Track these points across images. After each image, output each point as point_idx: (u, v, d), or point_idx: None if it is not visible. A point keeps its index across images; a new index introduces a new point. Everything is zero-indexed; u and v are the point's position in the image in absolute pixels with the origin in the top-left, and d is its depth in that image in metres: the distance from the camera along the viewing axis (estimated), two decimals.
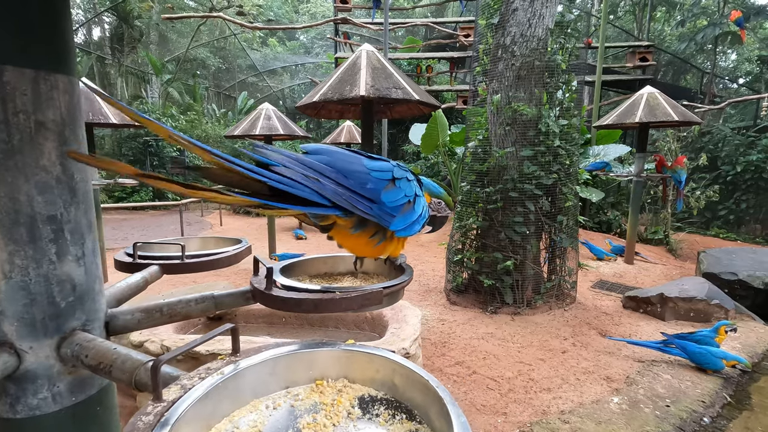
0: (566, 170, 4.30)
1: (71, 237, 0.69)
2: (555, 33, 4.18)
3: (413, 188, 0.97)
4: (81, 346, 0.65)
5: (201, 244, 1.36)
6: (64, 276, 0.69)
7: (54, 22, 0.66)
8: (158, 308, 0.76)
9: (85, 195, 0.72)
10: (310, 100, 3.79)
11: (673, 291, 4.20)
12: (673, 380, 2.99)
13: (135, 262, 1.09)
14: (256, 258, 0.88)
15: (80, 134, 0.72)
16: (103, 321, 0.75)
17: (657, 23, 17.68)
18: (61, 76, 0.67)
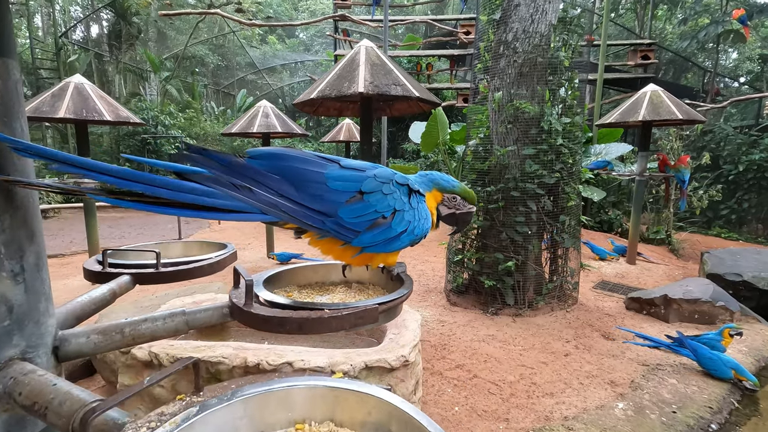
0: (569, 169, 4.22)
1: (5, 250, 0.58)
2: (558, 29, 4.10)
3: (394, 202, 0.87)
4: (15, 381, 0.53)
5: (183, 249, 1.26)
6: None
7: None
8: (118, 329, 0.65)
9: (25, 200, 0.60)
10: (308, 97, 3.71)
11: (677, 292, 4.12)
12: (678, 385, 2.91)
13: (105, 272, 0.98)
14: (236, 269, 0.79)
15: (18, 128, 0.59)
16: (51, 346, 0.63)
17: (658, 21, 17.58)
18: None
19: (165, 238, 8.34)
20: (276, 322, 0.64)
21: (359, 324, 0.67)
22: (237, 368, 1.64)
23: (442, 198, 1.04)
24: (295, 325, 0.63)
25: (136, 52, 17.06)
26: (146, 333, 0.66)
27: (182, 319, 0.68)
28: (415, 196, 0.95)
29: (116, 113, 4.58)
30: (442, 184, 1.03)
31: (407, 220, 0.89)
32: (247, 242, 7.85)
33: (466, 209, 1.04)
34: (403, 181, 0.94)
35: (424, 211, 0.96)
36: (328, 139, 9.40)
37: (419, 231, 0.92)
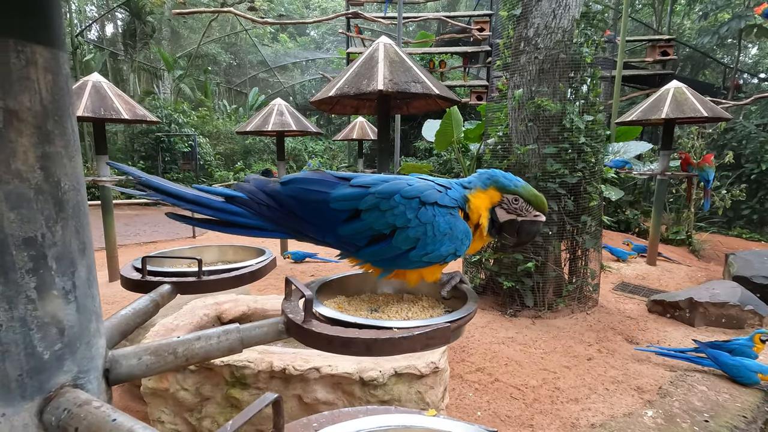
0: (591, 168, 4.11)
1: (57, 265, 0.52)
2: (581, 24, 3.99)
3: (394, 219, 0.83)
4: (70, 413, 0.49)
5: (218, 253, 1.22)
6: (47, 318, 0.52)
7: None
8: (171, 349, 0.61)
9: (76, 209, 0.55)
10: (326, 94, 3.67)
11: (703, 295, 4.00)
12: (709, 392, 2.82)
13: (144, 280, 0.93)
14: (290, 280, 0.74)
15: (69, 128, 0.54)
16: (102, 369, 0.59)
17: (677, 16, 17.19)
18: (42, 49, 0.50)
19: (178, 235, 8.40)
20: (340, 343, 0.59)
21: (430, 345, 0.61)
22: (262, 373, 1.61)
23: (500, 199, 0.88)
24: (363, 347, 0.58)
25: (150, 50, 17.22)
26: (200, 353, 0.61)
27: (237, 336, 0.63)
28: (429, 209, 0.84)
29: (133, 111, 4.59)
30: (502, 181, 0.89)
31: (413, 237, 0.82)
32: (260, 240, 7.86)
33: (531, 216, 0.88)
34: (412, 194, 0.84)
35: (447, 225, 0.83)
36: (341, 137, 9.36)
37: (438, 248, 0.82)
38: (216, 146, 16.63)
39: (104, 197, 4.95)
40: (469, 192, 0.91)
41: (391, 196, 0.84)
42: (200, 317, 2.08)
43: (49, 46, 0.51)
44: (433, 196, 0.85)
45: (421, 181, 0.89)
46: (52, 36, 0.52)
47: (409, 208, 0.83)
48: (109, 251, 5.01)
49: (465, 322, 0.70)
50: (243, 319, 2.19)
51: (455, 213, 0.86)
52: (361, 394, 1.56)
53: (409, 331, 0.61)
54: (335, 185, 0.86)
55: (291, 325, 0.65)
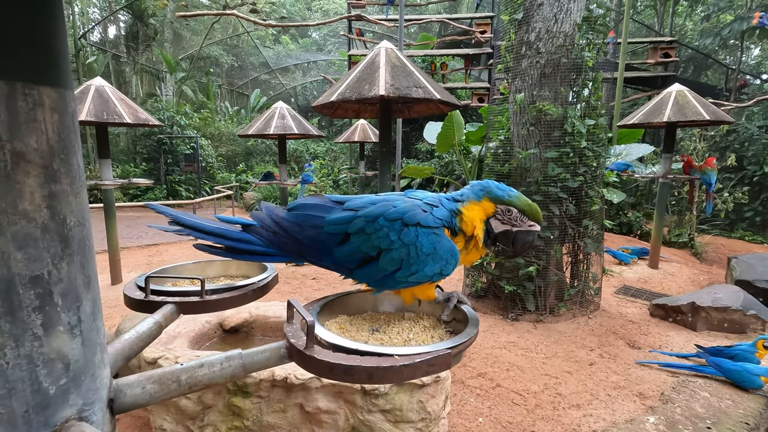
0: (593, 172, 4.11)
1: (63, 301, 0.53)
2: (583, 28, 3.99)
3: (379, 241, 0.85)
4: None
5: (221, 268, 1.22)
6: (53, 353, 0.52)
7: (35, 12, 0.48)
8: (174, 377, 0.61)
9: (81, 244, 0.55)
10: (328, 99, 3.68)
11: (705, 300, 3.99)
12: (711, 398, 2.81)
13: (148, 300, 0.94)
14: (291, 303, 0.74)
15: (75, 165, 0.54)
16: (106, 400, 0.59)
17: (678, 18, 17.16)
18: (48, 89, 0.50)
19: (180, 239, 8.41)
20: (342, 371, 0.59)
21: (431, 372, 0.62)
22: (264, 381, 1.61)
23: (494, 210, 0.88)
24: (365, 375, 0.58)
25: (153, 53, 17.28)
26: (203, 380, 0.61)
27: (239, 363, 0.63)
28: (411, 230, 0.84)
29: (135, 115, 4.61)
30: (495, 192, 0.88)
31: (397, 259, 0.84)
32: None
33: (525, 226, 0.87)
34: (395, 216, 0.86)
35: (430, 246, 0.84)
36: (342, 139, 9.37)
37: (422, 269, 0.84)
38: (218, 148, 16.67)
39: (106, 200, 4.97)
40: (462, 205, 0.91)
41: (376, 219, 0.86)
42: (202, 324, 2.09)
43: (56, 86, 0.52)
44: (416, 217, 0.86)
45: (408, 201, 0.90)
46: (59, 76, 0.52)
47: (392, 230, 0.85)
48: (111, 254, 5.03)
49: (466, 347, 0.70)
50: (245, 326, 2.19)
51: (439, 232, 0.86)
52: (363, 403, 1.57)
53: (410, 359, 0.62)
54: (331, 209, 0.90)
55: (293, 351, 0.65)
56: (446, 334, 0.85)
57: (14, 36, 0.46)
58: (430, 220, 0.86)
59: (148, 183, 5.22)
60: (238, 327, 2.17)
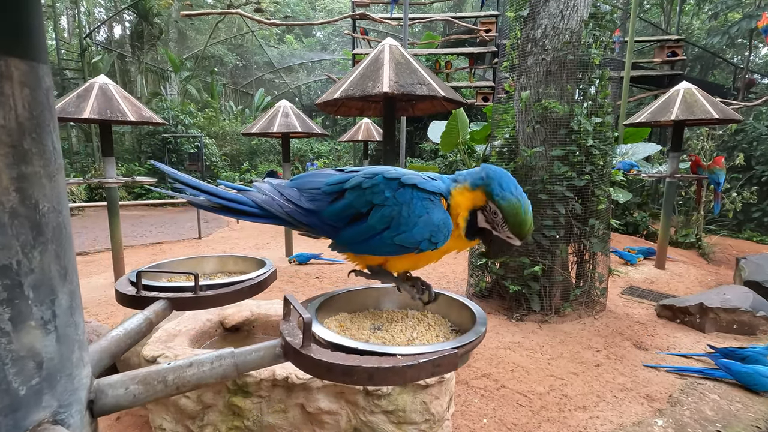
0: (599, 171, 4.06)
1: (34, 294, 0.49)
2: (589, 25, 3.94)
3: (372, 196, 0.84)
4: None
5: (218, 264, 1.19)
6: (23, 351, 0.48)
7: None
8: (161, 377, 0.57)
9: (57, 231, 0.51)
10: (331, 96, 3.65)
11: (713, 301, 3.92)
12: (721, 401, 2.75)
13: (139, 296, 0.91)
14: (288, 299, 0.71)
15: (49, 145, 0.50)
16: (86, 401, 0.55)
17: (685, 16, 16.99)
18: (17, 61, 0.46)
19: (184, 236, 8.42)
20: (341, 371, 0.55)
21: (437, 373, 0.58)
22: (265, 381, 1.58)
23: (484, 204, 0.82)
24: (365, 376, 0.55)
25: (158, 52, 17.34)
26: (192, 380, 0.57)
27: (231, 362, 0.60)
28: (407, 191, 0.83)
29: (139, 113, 4.60)
30: (491, 186, 0.81)
31: (388, 216, 0.82)
32: (265, 242, 7.86)
33: (505, 235, 0.82)
34: (394, 176, 0.86)
35: (423, 209, 0.81)
36: (346, 138, 9.34)
37: (410, 230, 0.80)
38: (222, 147, 16.70)
39: (110, 199, 4.97)
40: (456, 186, 0.87)
41: (375, 176, 0.87)
42: (203, 322, 2.06)
43: (27, 59, 0.47)
44: (414, 179, 0.85)
45: (410, 171, 0.90)
46: (30, 47, 0.48)
47: (388, 187, 0.84)
48: (115, 253, 5.03)
49: (473, 346, 0.66)
50: (246, 325, 2.17)
51: (435, 199, 0.84)
52: (365, 404, 1.53)
53: (414, 359, 0.58)
54: (331, 175, 0.94)
55: (289, 350, 0.62)
56: (452, 333, 0.81)
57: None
58: (428, 185, 0.85)
59: (150, 181, 5.22)
60: (240, 325, 2.14)
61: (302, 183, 0.94)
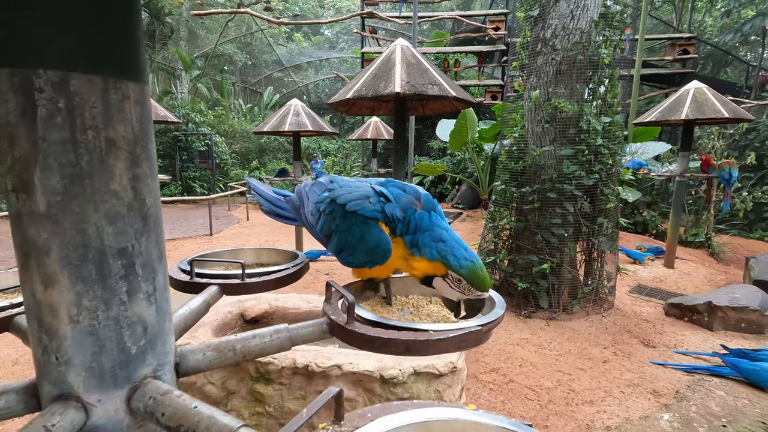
0: (608, 170, 4.09)
1: (143, 272, 0.61)
2: (599, 25, 3.97)
3: (329, 222, 0.95)
4: (156, 401, 0.57)
5: (254, 255, 1.29)
6: (135, 317, 0.60)
7: (123, 16, 0.56)
8: (231, 346, 0.68)
9: (156, 222, 0.63)
10: (343, 96, 3.72)
11: (722, 299, 3.95)
12: (727, 397, 2.79)
13: (192, 281, 1.02)
14: (331, 284, 0.80)
15: (152, 152, 0.62)
16: (173, 363, 0.67)
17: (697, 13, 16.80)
18: (133, 84, 0.57)
19: (195, 233, 8.57)
20: (381, 343, 0.64)
21: (463, 347, 0.66)
22: (286, 369, 1.67)
23: (445, 273, 0.87)
24: (402, 347, 0.63)
25: (169, 51, 17.53)
26: (255, 350, 0.67)
27: (287, 335, 0.70)
28: (350, 217, 0.90)
29: (155, 112, 4.72)
30: (449, 259, 0.85)
31: (340, 240, 0.92)
32: (275, 239, 7.98)
33: (474, 295, 0.86)
34: (343, 201, 0.91)
35: (359, 235, 0.88)
36: (355, 137, 9.41)
37: (352, 254, 0.90)
38: (232, 145, 16.87)
39: None
40: (415, 256, 0.89)
41: (333, 201, 0.94)
42: (224, 314, 2.16)
43: (138, 81, 0.59)
44: (357, 205, 0.90)
45: (368, 191, 0.93)
46: (140, 72, 0.59)
47: (338, 214, 0.92)
48: None
49: (494, 325, 0.74)
50: (265, 317, 2.26)
51: (372, 223, 0.89)
52: (381, 391, 1.61)
53: (444, 334, 0.66)
54: (323, 189, 1.03)
55: (334, 326, 0.71)
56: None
57: (112, 35, 0.54)
58: (367, 210, 0.89)
59: (165, 179, 5.33)
60: (259, 317, 2.23)
61: (312, 191, 1.05)
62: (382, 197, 0.90)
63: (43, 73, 0.50)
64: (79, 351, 0.57)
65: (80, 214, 0.54)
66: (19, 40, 0.49)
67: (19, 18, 0.48)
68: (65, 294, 0.55)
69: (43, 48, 0.49)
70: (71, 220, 0.54)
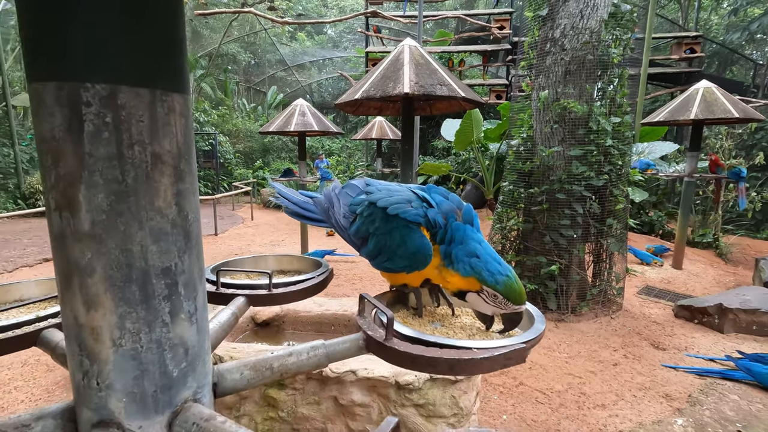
0: (618, 171, 4.06)
1: (185, 291, 0.58)
2: (609, 24, 3.93)
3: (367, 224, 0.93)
4: (199, 428, 0.55)
5: (275, 263, 1.26)
6: (176, 339, 0.58)
7: (169, 28, 0.53)
8: (267, 364, 0.66)
9: (197, 238, 0.61)
10: (352, 97, 3.70)
11: (733, 301, 3.91)
12: (741, 401, 2.76)
13: (219, 292, 0.99)
14: (365, 297, 0.78)
15: (194, 166, 0.60)
16: (211, 383, 0.65)
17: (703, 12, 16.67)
18: (178, 96, 0.55)
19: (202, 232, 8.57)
20: (425, 362, 0.62)
21: (508, 365, 0.65)
22: (300, 374, 1.65)
23: (480, 288, 0.85)
24: (446, 366, 0.61)
25: None
26: (292, 368, 0.65)
27: (324, 352, 0.68)
28: (391, 220, 0.88)
29: None
30: (483, 275, 0.84)
31: (378, 244, 0.90)
32: (280, 239, 7.98)
33: (510, 310, 0.84)
34: (384, 204, 0.90)
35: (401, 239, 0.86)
36: (360, 136, 9.40)
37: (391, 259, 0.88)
38: (236, 144, 16.89)
39: None
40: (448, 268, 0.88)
41: (372, 204, 0.93)
42: None
43: (183, 93, 0.56)
44: (398, 209, 0.89)
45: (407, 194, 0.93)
46: (184, 83, 0.57)
47: (378, 216, 0.90)
48: None
49: (537, 341, 0.72)
50: (276, 320, 2.24)
51: (414, 227, 0.87)
52: (396, 397, 1.60)
53: (489, 352, 0.64)
54: (358, 191, 1.02)
55: (372, 343, 0.69)
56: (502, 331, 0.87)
57: (159, 46, 0.51)
58: (409, 214, 0.88)
59: None
60: (270, 321, 2.22)
61: (342, 195, 1.04)
62: (424, 202, 0.89)
63: (91, 87, 0.48)
64: (121, 376, 0.55)
65: (125, 233, 0.53)
66: (68, 52, 0.47)
67: (68, 28, 0.46)
68: (108, 316, 0.54)
69: (93, 61, 0.47)
70: (116, 240, 0.52)
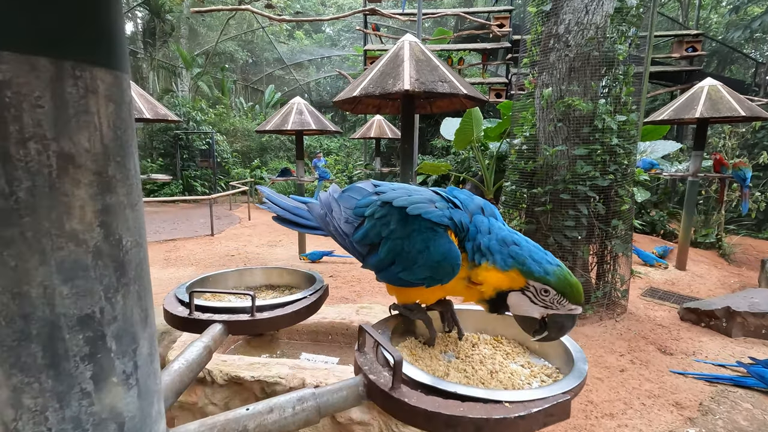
0: (623, 170, 3.95)
1: (117, 345, 0.42)
2: (615, 20, 3.82)
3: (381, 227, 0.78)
4: None
5: (263, 276, 1.13)
6: (105, 412, 0.42)
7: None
8: (241, 426, 0.51)
9: (138, 269, 0.44)
10: (350, 94, 3.59)
11: (741, 304, 3.81)
12: (755, 410, 2.66)
13: (192, 318, 0.84)
14: (364, 329, 0.64)
15: (132, 170, 0.43)
16: None
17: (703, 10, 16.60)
18: (102, 72, 0.38)
19: (197, 233, 8.45)
20: (444, 422, 0.49)
21: (549, 422, 0.53)
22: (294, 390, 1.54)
23: (525, 284, 0.70)
24: (472, 428, 0.48)
25: (169, 48, 17.39)
26: (273, 428, 0.51)
27: (313, 405, 0.54)
28: (411, 221, 0.74)
29: (155, 111, 4.59)
30: (529, 265, 0.69)
31: (393, 250, 0.76)
32: (277, 239, 7.86)
33: (565, 311, 0.69)
34: (402, 204, 0.76)
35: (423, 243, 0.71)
36: (358, 135, 9.29)
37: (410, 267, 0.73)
38: (233, 144, 16.74)
39: None
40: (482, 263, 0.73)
41: (386, 204, 0.80)
42: None
43: (112, 68, 0.40)
44: (421, 208, 0.75)
45: (428, 194, 0.80)
46: (115, 54, 0.41)
47: (394, 217, 0.77)
48: None
49: (581, 388, 0.60)
50: None
51: (440, 231, 0.73)
52: None
53: (524, 408, 0.52)
54: (366, 194, 0.90)
55: (374, 390, 0.55)
56: (535, 361, 0.75)
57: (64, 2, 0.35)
58: (434, 215, 0.73)
59: (166, 179, 5.21)
60: None
61: (344, 199, 0.91)
62: (449, 203, 0.76)
63: None
64: None
65: (17, 271, 0.37)
66: None
67: None
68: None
69: None
70: (2, 281, 0.37)
